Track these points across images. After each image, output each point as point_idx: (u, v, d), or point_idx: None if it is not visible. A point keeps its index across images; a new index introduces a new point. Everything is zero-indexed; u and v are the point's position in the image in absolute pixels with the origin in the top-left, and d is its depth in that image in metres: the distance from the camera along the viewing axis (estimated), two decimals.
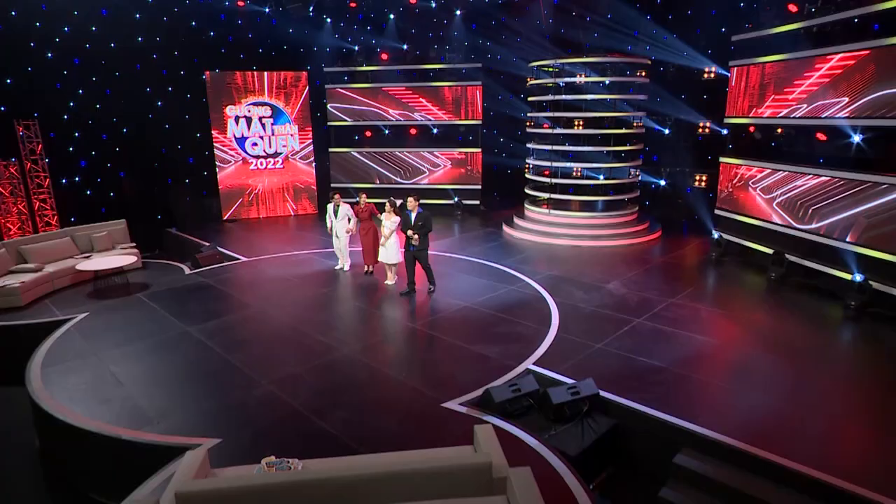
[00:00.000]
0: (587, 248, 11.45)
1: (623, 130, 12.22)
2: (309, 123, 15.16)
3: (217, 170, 14.59)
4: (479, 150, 15.20)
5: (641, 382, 6.05)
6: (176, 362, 6.49)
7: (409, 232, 8.05)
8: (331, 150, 15.63)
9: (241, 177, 14.86)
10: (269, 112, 14.80)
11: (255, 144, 14.85)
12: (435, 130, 15.46)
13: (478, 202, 15.28)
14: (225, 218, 14.66)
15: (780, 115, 9.58)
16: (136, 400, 5.66)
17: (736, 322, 7.62)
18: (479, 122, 15.07)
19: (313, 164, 15.36)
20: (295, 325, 7.50)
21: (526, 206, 13.51)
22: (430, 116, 15.13)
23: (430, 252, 8.56)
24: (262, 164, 14.95)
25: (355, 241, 10.28)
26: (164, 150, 13.62)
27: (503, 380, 6.02)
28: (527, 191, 13.60)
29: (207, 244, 11.11)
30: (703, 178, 13.89)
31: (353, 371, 6.22)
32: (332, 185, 15.53)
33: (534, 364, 6.31)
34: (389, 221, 8.63)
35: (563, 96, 12.41)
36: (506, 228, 12.91)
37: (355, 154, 15.64)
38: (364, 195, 9.19)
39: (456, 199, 15.22)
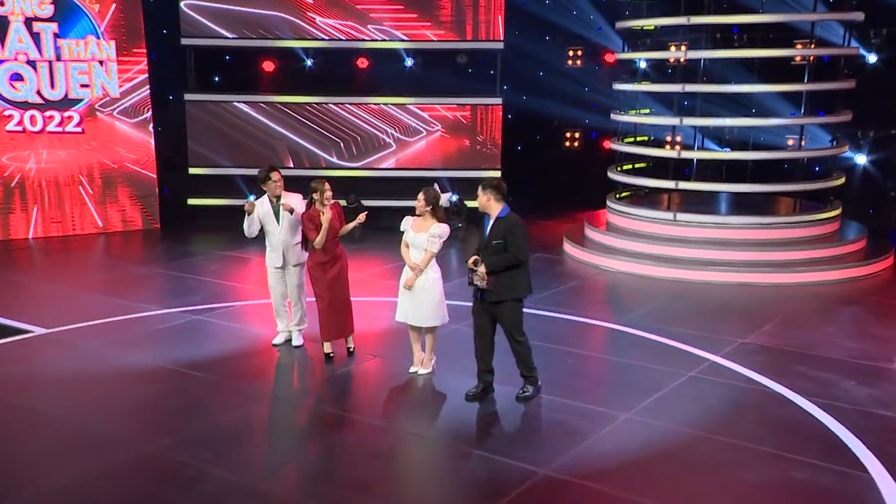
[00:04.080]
0: (768, 286, 11.46)
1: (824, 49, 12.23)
2: (140, 40, 14.62)
3: None
4: (500, 101, 15.13)
5: None
6: None
7: (471, 262, 7.47)
8: (188, 96, 15.18)
9: None
10: (48, 9, 13.89)
11: (17, 79, 13.96)
12: (410, 62, 15.14)
13: None
14: None
15: None
16: None
17: None
18: (500, 44, 14.87)
19: (150, 127, 14.95)
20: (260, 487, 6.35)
21: (610, 206, 13.42)
22: (400, 33, 14.78)
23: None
24: (34, 122, 14.13)
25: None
26: None
27: None
28: (614, 177, 13.46)
29: None
30: None
31: None
32: (191, 168, 15.28)
33: None
34: (427, 235, 7.98)
35: None
36: (571, 250, 13.04)
37: (241, 107, 15.17)
38: (327, 184, 8.59)
39: (454, 198, 14.65)
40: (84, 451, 6.79)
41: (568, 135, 17.09)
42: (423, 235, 7.79)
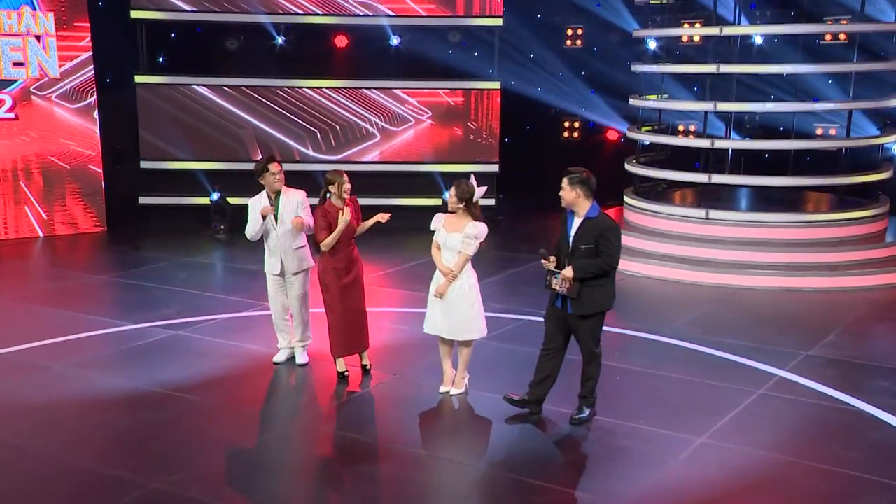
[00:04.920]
0: (815, 292, 11.61)
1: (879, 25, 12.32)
2: (83, 12, 14.73)
3: None
4: (498, 85, 15.38)
5: None
6: None
7: (546, 262, 7.47)
8: (139, 78, 15.29)
9: None
10: None
11: None
12: (396, 40, 15.24)
13: (492, 202, 15.21)
14: None
15: None
16: None
17: None
18: (499, 21, 15.12)
19: (95, 113, 15.07)
20: None
21: (629, 202, 13.59)
22: (384, 7, 15.10)
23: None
24: None
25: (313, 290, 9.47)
26: None
27: None
28: (634, 170, 13.58)
29: None
30: None
31: None
32: (143, 162, 15.44)
33: None
34: (461, 236, 7.91)
35: None
36: None
37: (201, 90, 15.34)
38: (346, 176, 8.66)
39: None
40: (78, 491, 6.57)
41: (566, 124, 17.25)
42: (456, 236, 7.67)
